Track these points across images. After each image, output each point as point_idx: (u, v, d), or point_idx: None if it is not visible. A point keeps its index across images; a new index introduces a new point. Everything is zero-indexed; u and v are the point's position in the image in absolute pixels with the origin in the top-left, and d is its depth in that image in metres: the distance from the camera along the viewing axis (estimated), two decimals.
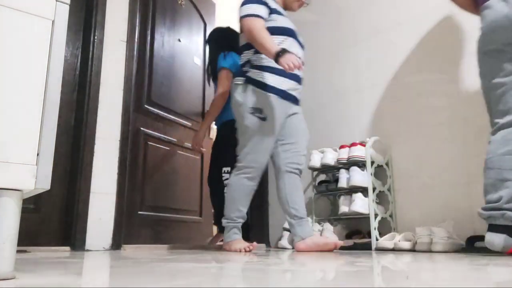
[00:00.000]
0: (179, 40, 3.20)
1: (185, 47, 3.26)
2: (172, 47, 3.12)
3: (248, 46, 2.18)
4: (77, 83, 2.59)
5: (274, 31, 2.12)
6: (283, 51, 1.92)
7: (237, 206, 2.16)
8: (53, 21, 0.87)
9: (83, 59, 2.60)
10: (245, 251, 2.04)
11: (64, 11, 0.89)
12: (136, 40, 2.81)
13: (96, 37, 2.57)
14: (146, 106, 2.84)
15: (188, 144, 3.06)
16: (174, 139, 3.02)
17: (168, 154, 2.90)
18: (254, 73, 2.14)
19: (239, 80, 2.17)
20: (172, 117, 3.02)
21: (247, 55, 2.21)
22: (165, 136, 2.94)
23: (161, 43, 3.02)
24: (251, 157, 2.13)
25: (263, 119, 2.10)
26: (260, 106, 2.10)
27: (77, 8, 2.67)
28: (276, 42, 2.07)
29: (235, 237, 2.15)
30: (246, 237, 2.73)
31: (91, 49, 2.55)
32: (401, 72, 2.52)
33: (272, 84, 2.13)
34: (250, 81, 2.13)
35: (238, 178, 2.16)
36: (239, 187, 2.16)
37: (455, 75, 2.26)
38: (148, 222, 2.71)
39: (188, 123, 3.19)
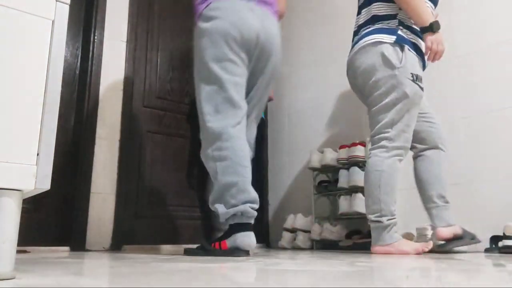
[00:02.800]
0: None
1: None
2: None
3: None
4: (77, 83, 2.59)
5: None
6: (437, 25, 1.67)
7: (395, 196, 1.76)
8: (53, 21, 0.87)
9: (83, 59, 2.60)
10: (423, 251, 1.73)
11: (64, 11, 0.89)
12: (136, 40, 2.81)
13: (96, 37, 2.57)
14: (146, 106, 2.84)
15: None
16: (177, 138, 3.02)
17: (168, 154, 2.90)
18: (407, 34, 1.79)
19: (387, 38, 1.75)
20: (179, 115, 3.01)
21: (392, 7, 1.81)
22: (166, 136, 2.93)
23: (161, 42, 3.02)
24: (406, 136, 1.77)
25: (422, 89, 1.78)
26: (420, 74, 1.78)
27: (77, 8, 2.67)
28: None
29: (398, 236, 1.76)
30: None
31: (91, 49, 2.56)
32: None
33: (422, 53, 1.81)
34: (404, 41, 1.76)
35: (393, 162, 1.76)
36: (395, 173, 1.76)
37: (454, 75, 2.26)
38: (148, 222, 2.71)
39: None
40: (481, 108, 2.13)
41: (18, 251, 1.92)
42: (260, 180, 3.27)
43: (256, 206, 1.65)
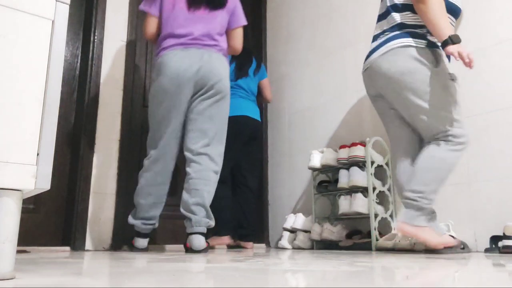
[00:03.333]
0: None
1: None
2: None
3: (412, 8, 1.86)
4: (77, 83, 2.60)
5: (446, 7, 1.82)
6: (456, 39, 1.72)
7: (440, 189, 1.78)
8: (53, 21, 0.87)
9: (83, 59, 2.60)
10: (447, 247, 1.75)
11: (64, 11, 0.89)
12: (136, 40, 2.81)
13: (96, 37, 2.57)
14: (146, 106, 2.84)
15: None
16: None
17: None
18: (433, 39, 1.85)
19: (418, 42, 1.82)
20: None
21: (415, 17, 1.86)
22: None
23: None
24: (461, 131, 1.80)
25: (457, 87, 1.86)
26: (451, 73, 1.85)
27: (77, 8, 2.67)
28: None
29: (433, 225, 1.77)
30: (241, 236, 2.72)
31: (91, 49, 2.56)
32: None
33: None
34: (434, 44, 1.84)
35: (456, 156, 1.77)
36: (454, 164, 1.78)
37: (457, 74, 2.26)
38: None
39: None
40: (482, 107, 2.13)
41: (18, 251, 1.92)
42: (260, 180, 3.27)
43: (149, 221, 2.11)
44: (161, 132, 2.05)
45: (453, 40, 1.72)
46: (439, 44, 1.79)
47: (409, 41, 1.82)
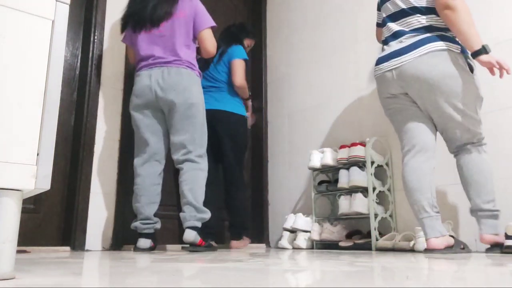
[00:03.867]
0: None
1: None
2: None
3: (436, 11, 1.86)
4: (77, 83, 2.59)
5: None
6: (488, 48, 1.74)
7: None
8: (53, 21, 0.87)
9: (83, 59, 2.60)
10: None
11: (64, 11, 0.89)
12: None
13: (96, 37, 2.57)
14: None
15: None
16: None
17: (168, 154, 2.89)
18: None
19: (455, 47, 1.82)
20: None
21: (442, 20, 1.86)
22: None
23: None
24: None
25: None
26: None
27: (77, 8, 2.67)
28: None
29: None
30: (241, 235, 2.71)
31: (91, 49, 2.56)
32: None
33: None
34: (466, 51, 1.84)
35: (483, 155, 1.86)
36: (489, 166, 1.85)
37: None
38: None
39: None
40: (482, 108, 2.13)
41: (18, 251, 1.92)
42: (260, 180, 3.27)
43: (147, 221, 2.20)
44: (142, 139, 2.26)
45: (487, 49, 1.73)
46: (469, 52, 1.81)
47: (446, 44, 1.81)
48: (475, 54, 1.74)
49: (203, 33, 2.27)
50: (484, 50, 1.73)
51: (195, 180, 2.15)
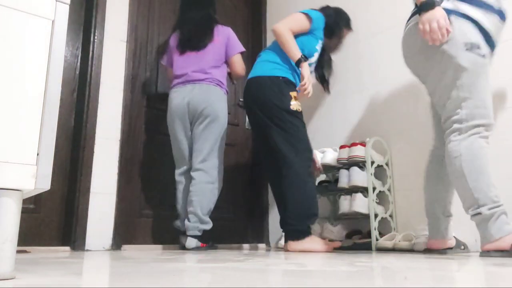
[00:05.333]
0: None
1: None
2: None
3: None
4: (77, 83, 2.59)
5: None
6: (426, 5, 1.58)
7: (489, 179, 1.53)
8: (53, 21, 0.87)
9: (83, 59, 2.60)
10: None
11: (64, 11, 0.89)
12: (136, 40, 2.81)
13: (96, 37, 2.57)
14: (146, 106, 2.84)
15: None
16: None
17: (168, 154, 2.90)
18: (453, 3, 1.65)
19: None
20: None
21: None
22: (166, 136, 2.93)
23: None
24: (482, 111, 1.58)
25: (483, 56, 1.60)
26: (475, 41, 1.60)
27: (77, 8, 2.67)
28: None
29: (510, 228, 1.50)
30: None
31: (91, 49, 2.56)
32: (402, 72, 2.52)
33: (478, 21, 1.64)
34: (446, 11, 1.62)
35: (471, 142, 1.55)
36: (481, 152, 1.54)
37: None
38: (148, 222, 2.71)
39: None
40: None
41: (18, 251, 1.92)
42: (260, 180, 3.27)
43: (181, 223, 2.40)
44: (180, 150, 2.47)
45: (423, 7, 1.58)
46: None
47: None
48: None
49: (233, 58, 2.55)
50: (420, 9, 1.60)
51: (204, 192, 2.33)
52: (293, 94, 2.25)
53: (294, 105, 2.21)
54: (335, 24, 2.46)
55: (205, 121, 2.39)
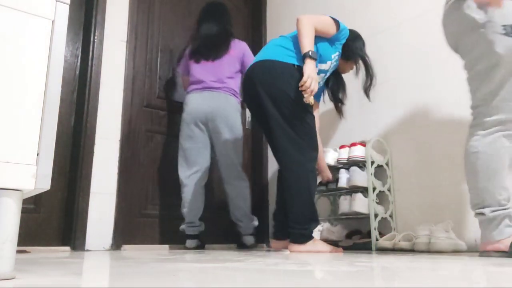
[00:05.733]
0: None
1: None
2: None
3: None
4: (77, 83, 2.60)
5: None
6: None
7: (503, 181, 1.47)
8: (53, 21, 0.87)
9: (83, 59, 2.61)
10: None
11: (64, 11, 0.89)
12: (136, 40, 2.81)
13: (96, 37, 2.57)
14: (146, 106, 2.84)
15: None
16: (177, 138, 3.01)
17: (168, 154, 2.90)
18: None
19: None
20: (179, 115, 3.01)
21: None
22: (166, 136, 2.93)
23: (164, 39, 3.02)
24: (511, 105, 1.49)
25: None
26: None
27: (77, 8, 2.67)
28: None
29: (511, 231, 1.46)
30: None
31: (91, 49, 2.56)
32: (402, 72, 2.52)
33: None
34: None
35: (492, 140, 1.47)
36: (500, 153, 1.47)
37: (456, 74, 2.26)
38: (148, 222, 2.71)
39: None
40: None
41: (18, 251, 1.92)
42: (260, 180, 3.27)
43: (192, 225, 2.54)
44: (190, 151, 2.55)
45: None
46: None
47: None
48: None
49: None
50: None
51: (246, 195, 2.62)
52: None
53: (307, 97, 1.92)
54: (356, 49, 2.27)
55: (225, 129, 2.55)
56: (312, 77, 1.91)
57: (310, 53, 1.95)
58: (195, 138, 2.55)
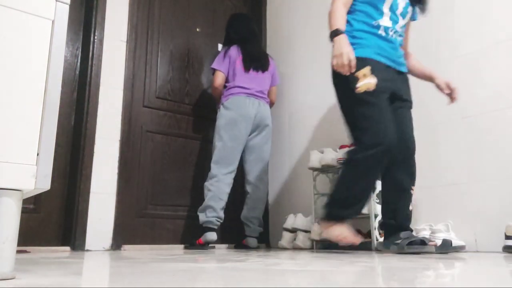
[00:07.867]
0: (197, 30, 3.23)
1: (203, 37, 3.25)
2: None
3: None
4: (77, 83, 2.59)
5: None
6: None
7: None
8: (53, 21, 0.87)
9: (83, 59, 2.60)
10: None
11: (64, 11, 0.89)
12: (136, 40, 2.81)
13: (96, 37, 2.57)
14: (146, 106, 2.83)
15: (192, 137, 3.04)
16: (177, 138, 3.01)
17: (168, 154, 2.89)
18: None
19: None
20: (179, 115, 3.01)
21: None
22: (166, 136, 2.93)
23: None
24: None
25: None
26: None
27: (77, 8, 2.67)
28: None
29: None
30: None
31: (91, 49, 2.56)
32: None
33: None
34: None
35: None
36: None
37: (456, 74, 2.26)
38: (148, 222, 2.71)
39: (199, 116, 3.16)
40: (481, 108, 2.14)
41: (18, 251, 1.92)
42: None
43: (218, 218, 2.56)
44: (228, 149, 2.64)
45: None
46: None
47: None
48: None
49: (273, 88, 3.00)
50: None
51: (265, 200, 2.82)
52: (362, 72, 1.83)
53: (362, 86, 1.76)
54: None
55: (264, 134, 2.79)
56: (343, 55, 1.83)
57: (338, 31, 1.87)
58: (240, 138, 2.67)
